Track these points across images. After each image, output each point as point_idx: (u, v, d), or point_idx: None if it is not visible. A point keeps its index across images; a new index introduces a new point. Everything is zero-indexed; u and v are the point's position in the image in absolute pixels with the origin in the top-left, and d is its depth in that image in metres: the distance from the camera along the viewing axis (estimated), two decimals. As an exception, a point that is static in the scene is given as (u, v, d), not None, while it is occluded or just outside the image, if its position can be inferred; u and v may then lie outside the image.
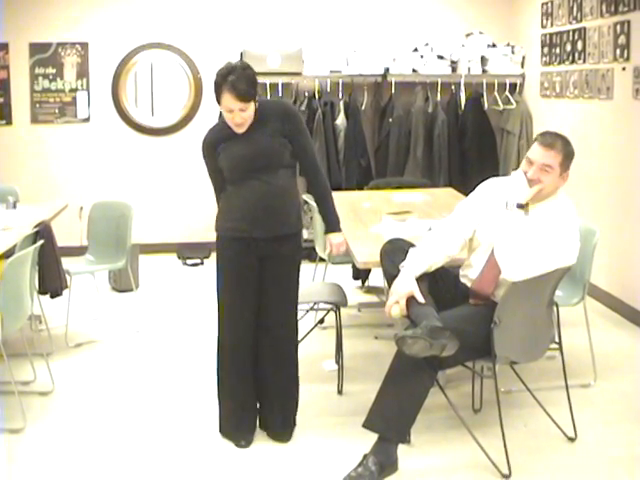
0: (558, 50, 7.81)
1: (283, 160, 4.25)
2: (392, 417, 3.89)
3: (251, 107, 4.12)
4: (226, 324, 4.40)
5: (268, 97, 8.31)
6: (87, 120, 8.89)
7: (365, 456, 3.89)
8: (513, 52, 8.74)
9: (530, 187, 4.00)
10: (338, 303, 5.11)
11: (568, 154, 4.05)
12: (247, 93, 4.04)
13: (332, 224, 4.54)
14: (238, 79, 4.02)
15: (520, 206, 4.00)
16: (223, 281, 4.38)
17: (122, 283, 7.40)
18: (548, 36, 8.05)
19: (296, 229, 4.42)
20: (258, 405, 4.52)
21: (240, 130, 4.18)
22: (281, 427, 4.49)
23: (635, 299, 6.49)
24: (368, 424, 3.94)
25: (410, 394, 3.89)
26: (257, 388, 4.48)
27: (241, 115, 4.09)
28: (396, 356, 3.96)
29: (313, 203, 6.42)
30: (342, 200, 6.48)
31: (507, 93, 8.72)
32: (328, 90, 8.59)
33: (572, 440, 4.42)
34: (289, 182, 4.32)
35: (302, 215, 4.51)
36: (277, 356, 4.43)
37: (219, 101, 4.11)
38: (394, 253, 4.23)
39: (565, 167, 4.04)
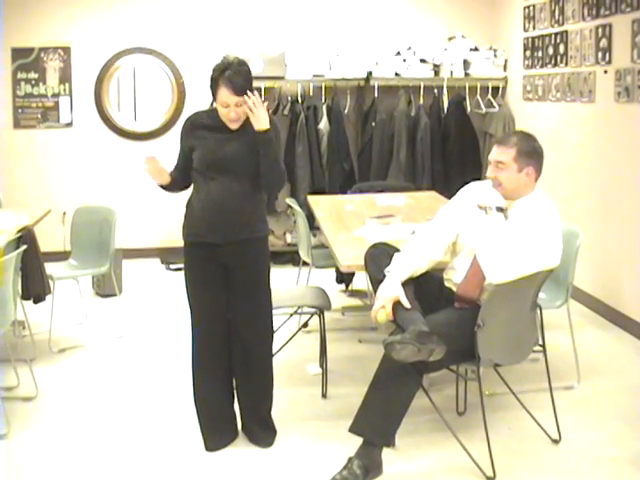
0: (540, 53, 7.84)
1: (250, 169, 4.18)
2: (378, 422, 3.90)
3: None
4: (194, 330, 4.42)
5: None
6: (70, 125, 8.86)
7: (350, 459, 3.89)
8: (495, 55, 8.77)
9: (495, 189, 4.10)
10: (322, 307, 5.10)
11: (523, 149, 4.06)
12: (243, 88, 4.05)
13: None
14: (235, 74, 4.04)
15: (500, 209, 4.03)
16: (188, 288, 4.40)
17: (105, 288, 7.37)
18: (530, 39, 8.08)
19: (259, 233, 4.33)
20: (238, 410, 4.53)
21: (234, 126, 4.17)
22: (259, 431, 4.48)
23: (618, 301, 6.51)
24: (354, 429, 3.94)
25: (396, 399, 3.89)
26: (234, 393, 4.49)
27: (236, 110, 4.10)
28: (382, 361, 3.96)
29: (297, 207, 6.46)
30: (325, 203, 6.49)
31: (490, 96, 8.74)
32: (311, 94, 8.60)
33: (556, 442, 4.43)
34: (252, 190, 4.24)
35: (266, 219, 4.41)
36: (249, 364, 4.40)
37: (215, 96, 4.12)
38: (379, 258, 4.23)
39: (522, 163, 4.05)
